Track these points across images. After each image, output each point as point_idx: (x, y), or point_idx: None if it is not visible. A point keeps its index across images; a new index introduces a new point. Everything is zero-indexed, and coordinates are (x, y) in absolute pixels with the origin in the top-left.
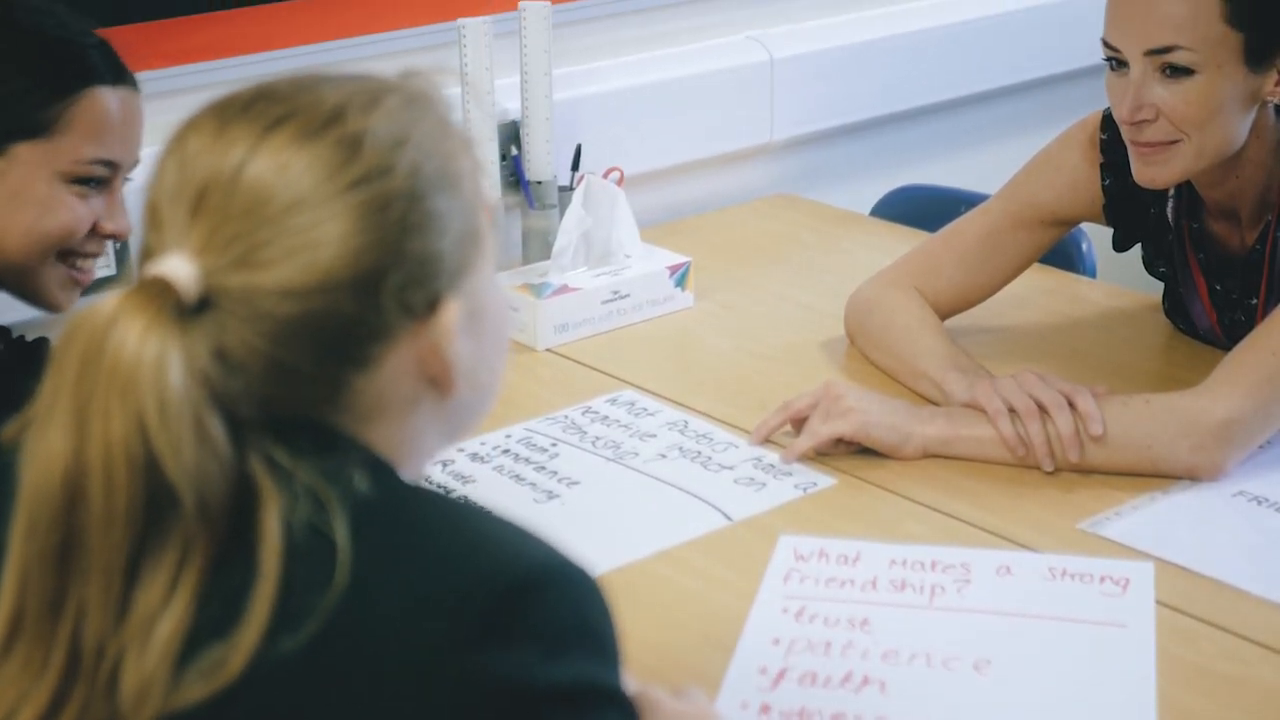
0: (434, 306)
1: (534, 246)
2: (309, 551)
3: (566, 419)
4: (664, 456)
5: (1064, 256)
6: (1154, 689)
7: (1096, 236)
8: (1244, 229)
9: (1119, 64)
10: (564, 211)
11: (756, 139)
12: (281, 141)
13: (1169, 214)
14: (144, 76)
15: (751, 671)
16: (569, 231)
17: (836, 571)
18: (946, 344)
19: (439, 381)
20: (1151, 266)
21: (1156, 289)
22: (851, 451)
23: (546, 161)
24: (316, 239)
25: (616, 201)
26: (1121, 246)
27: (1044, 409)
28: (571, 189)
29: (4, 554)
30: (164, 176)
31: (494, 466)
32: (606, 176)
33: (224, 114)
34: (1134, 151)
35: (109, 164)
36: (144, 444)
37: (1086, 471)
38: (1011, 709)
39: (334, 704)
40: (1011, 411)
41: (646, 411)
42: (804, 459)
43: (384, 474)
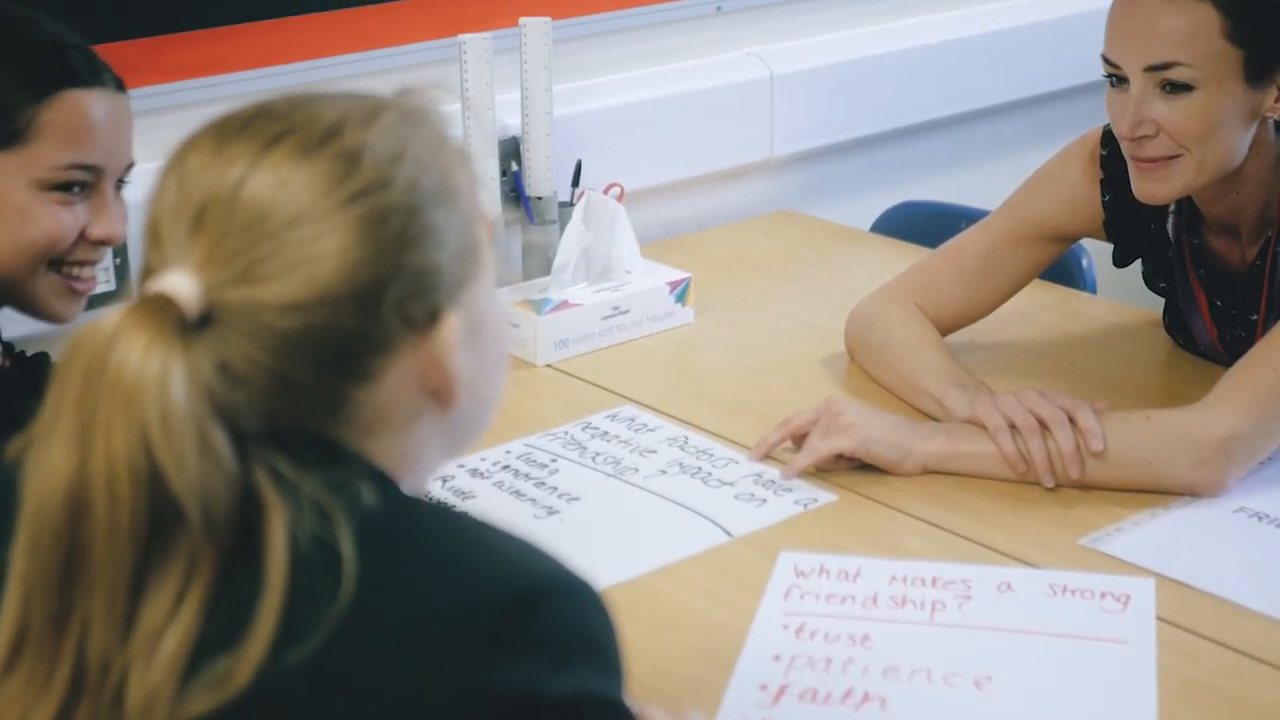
0: (434, 319)
1: (534, 262)
2: (314, 563)
3: (567, 435)
4: (664, 472)
5: (1064, 272)
6: (1155, 705)
7: (1097, 252)
8: (1244, 245)
9: (1119, 80)
10: (564, 227)
11: (757, 155)
12: (280, 158)
13: (1169, 230)
14: (144, 92)
15: (752, 688)
16: (569, 247)
17: (837, 587)
18: (947, 360)
19: (440, 394)
20: (1152, 282)
21: (1157, 305)
22: (852, 467)
23: (547, 177)
24: (316, 253)
25: (617, 217)
26: (1122, 262)
27: (1045, 425)
28: (572, 205)
29: (7, 571)
30: (164, 195)
31: (494, 482)
32: (607, 192)
33: (222, 132)
34: (1134, 167)
35: (89, 168)
36: (148, 458)
37: (1087, 488)
38: None
39: (340, 715)
40: (1012, 427)
41: (647, 427)
42: (804, 475)
43: (387, 486)
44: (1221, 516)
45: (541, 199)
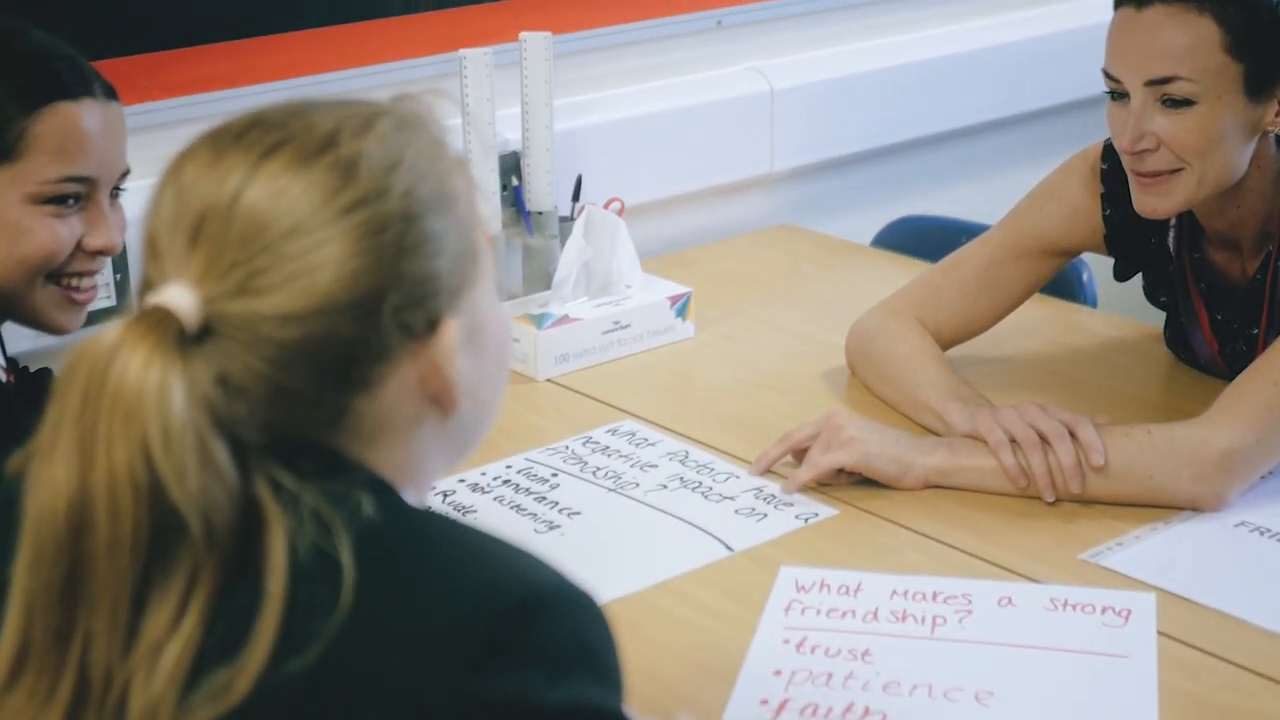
0: (433, 326)
1: (535, 277)
2: (314, 574)
3: (567, 449)
4: (665, 487)
5: (1065, 286)
6: None
7: (1097, 266)
8: (1245, 259)
9: (1119, 94)
10: (565, 242)
11: (757, 169)
12: (277, 168)
13: (1170, 244)
14: (147, 107)
15: (752, 703)
16: (570, 262)
17: (838, 602)
18: (948, 374)
19: (441, 400)
20: (1152, 296)
21: (1158, 319)
22: (852, 482)
23: (547, 192)
24: (314, 263)
25: (617, 232)
26: (1122, 276)
27: (1045, 439)
28: (572, 219)
29: (9, 585)
30: (161, 207)
31: (494, 497)
32: (607, 207)
33: (218, 143)
34: (1135, 181)
35: (82, 180)
36: (149, 470)
37: (1088, 502)
38: None
39: None
40: (1013, 442)
41: (647, 442)
42: (805, 490)
43: (388, 496)
44: (1223, 531)
45: (542, 214)
